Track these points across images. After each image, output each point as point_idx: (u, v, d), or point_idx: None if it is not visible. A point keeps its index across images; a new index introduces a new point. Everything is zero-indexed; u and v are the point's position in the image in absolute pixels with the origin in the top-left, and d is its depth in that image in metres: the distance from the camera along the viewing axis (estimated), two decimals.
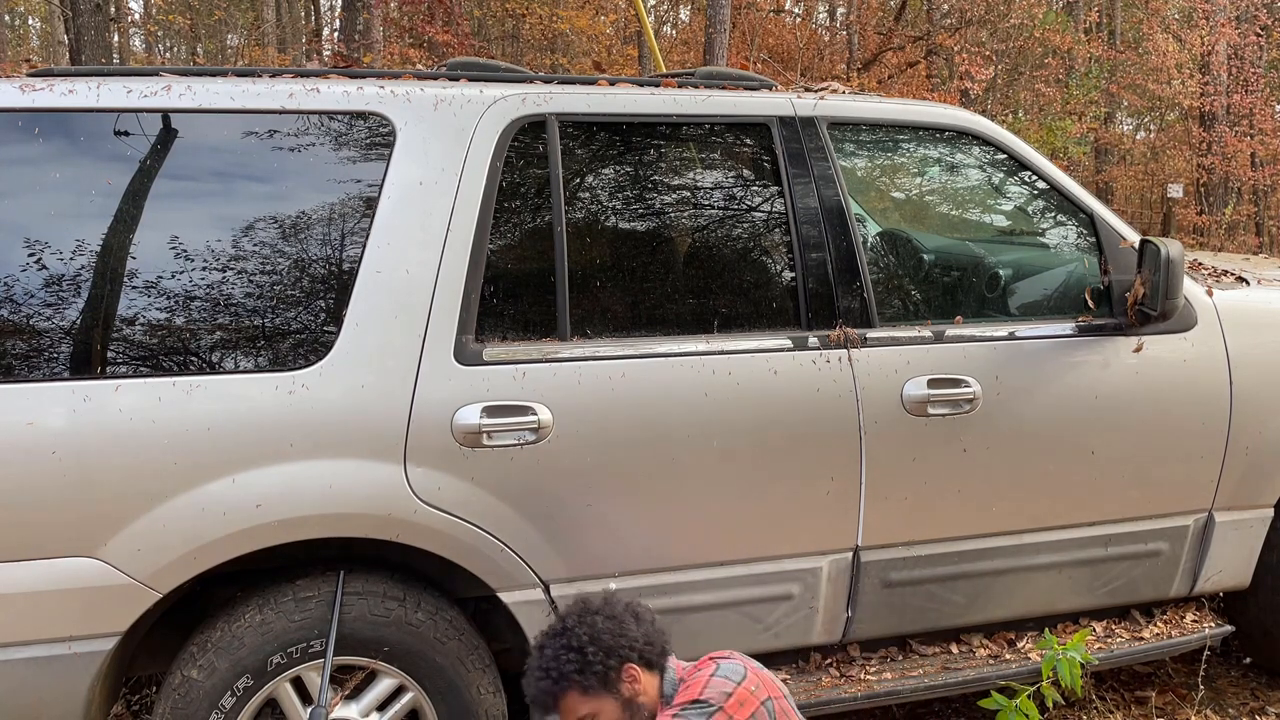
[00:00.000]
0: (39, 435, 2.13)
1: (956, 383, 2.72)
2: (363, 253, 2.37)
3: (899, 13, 16.88)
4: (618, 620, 2.13)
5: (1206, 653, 3.20)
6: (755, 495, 2.58)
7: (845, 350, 2.67)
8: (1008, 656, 2.92)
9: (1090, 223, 2.98)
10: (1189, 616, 3.16)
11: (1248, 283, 3.28)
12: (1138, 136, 22.17)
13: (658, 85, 2.80)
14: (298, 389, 2.28)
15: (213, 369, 2.26)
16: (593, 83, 2.75)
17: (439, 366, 2.37)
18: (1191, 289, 3.01)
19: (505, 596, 2.46)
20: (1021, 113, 16.02)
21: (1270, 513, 3.13)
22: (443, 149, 2.46)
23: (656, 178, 2.70)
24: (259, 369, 2.28)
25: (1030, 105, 16.47)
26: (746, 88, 2.88)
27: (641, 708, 2.15)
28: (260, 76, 2.49)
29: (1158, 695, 3.34)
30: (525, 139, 2.55)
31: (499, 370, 2.40)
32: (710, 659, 2.25)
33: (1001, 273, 3.07)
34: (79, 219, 2.23)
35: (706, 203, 2.74)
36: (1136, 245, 2.90)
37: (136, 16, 20.31)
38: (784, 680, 2.72)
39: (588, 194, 2.63)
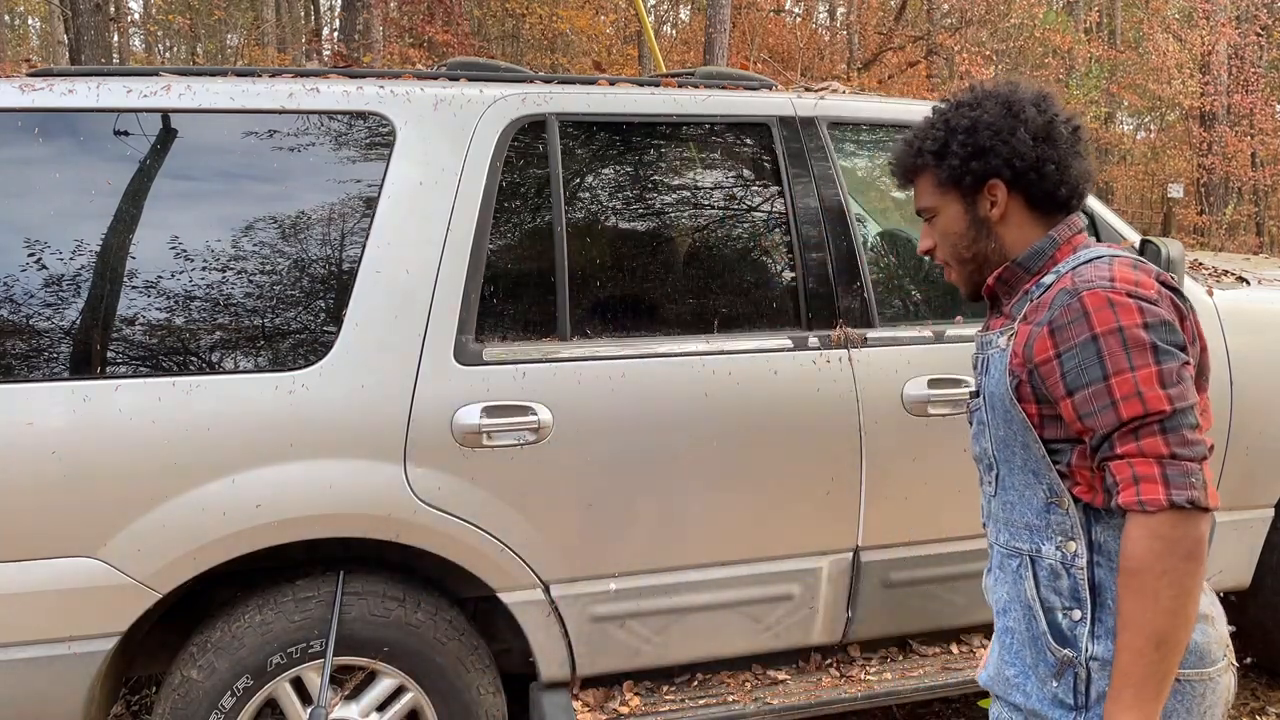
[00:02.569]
0: (39, 435, 2.13)
1: (957, 383, 2.72)
2: (362, 253, 2.37)
3: (899, 12, 16.88)
4: (1023, 123, 1.58)
5: None
6: (755, 495, 2.58)
7: (845, 350, 2.67)
8: None
9: (1090, 222, 2.98)
10: None
11: (1248, 283, 3.28)
12: (1138, 136, 22.19)
13: (658, 85, 2.80)
14: (297, 389, 2.28)
15: (212, 369, 2.26)
16: (593, 83, 2.75)
17: (439, 366, 2.37)
18: (1192, 289, 3.01)
19: (505, 597, 2.46)
20: None
21: (1270, 513, 3.13)
22: (443, 149, 2.46)
23: (656, 178, 2.70)
24: (259, 369, 2.28)
25: None
26: (746, 88, 2.88)
27: (997, 239, 1.61)
28: (260, 76, 2.49)
29: None
30: (525, 139, 2.54)
31: (499, 370, 2.40)
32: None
33: None
34: (79, 219, 2.23)
35: (706, 203, 2.74)
36: (1136, 245, 2.90)
37: (136, 16, 20.31)
38: (784, 680, 2.72)
39: (588, 194, 2.63)
